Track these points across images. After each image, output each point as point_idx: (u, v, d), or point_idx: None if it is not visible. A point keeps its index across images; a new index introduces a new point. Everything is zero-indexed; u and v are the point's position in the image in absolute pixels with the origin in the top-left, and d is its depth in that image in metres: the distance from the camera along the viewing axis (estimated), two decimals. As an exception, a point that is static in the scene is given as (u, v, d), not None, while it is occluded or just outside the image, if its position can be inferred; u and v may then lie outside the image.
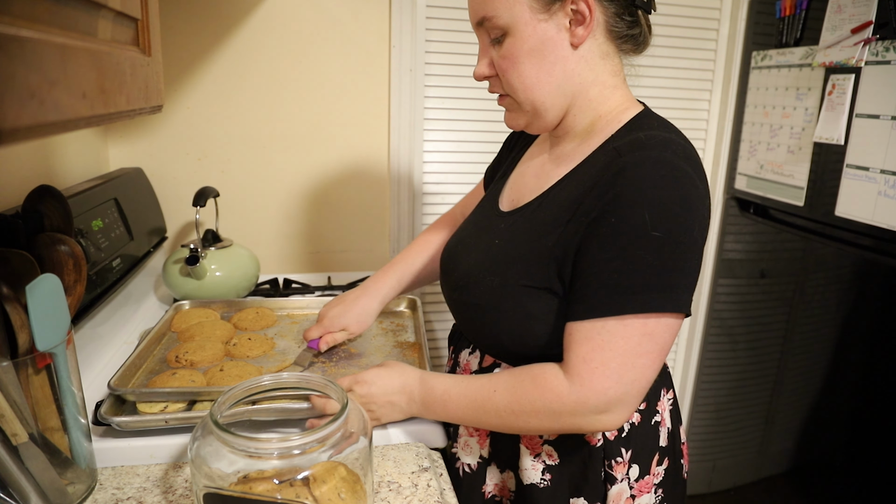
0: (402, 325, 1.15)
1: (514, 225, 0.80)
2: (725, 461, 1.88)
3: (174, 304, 1.17)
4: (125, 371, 0.88)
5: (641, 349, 0.66)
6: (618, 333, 0.65)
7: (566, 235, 0.71)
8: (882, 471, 1.35)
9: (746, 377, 1.80)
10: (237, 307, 1.19)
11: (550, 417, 0.70)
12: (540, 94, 0.75)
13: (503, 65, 0.75)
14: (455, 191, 1.70)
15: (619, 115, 0.76)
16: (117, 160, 1.48)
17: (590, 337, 0.67)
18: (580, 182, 0.73)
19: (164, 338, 1.06)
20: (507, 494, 0.85)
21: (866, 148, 1.34)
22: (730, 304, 1.86)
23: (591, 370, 0.66)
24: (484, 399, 0.74)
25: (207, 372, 0.92)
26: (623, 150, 0.69)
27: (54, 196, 0.77)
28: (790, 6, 1.56)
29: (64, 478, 0.69)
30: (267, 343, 1.03)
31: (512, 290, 0.75)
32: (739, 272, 1.82)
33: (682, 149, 0.69)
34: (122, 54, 0.56)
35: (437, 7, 1.57)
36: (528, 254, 0.75)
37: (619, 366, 0.66)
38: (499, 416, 0.73)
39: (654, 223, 0.64)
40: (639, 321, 0.65)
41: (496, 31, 0.74)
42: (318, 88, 1.54)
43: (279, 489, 0.60)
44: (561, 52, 0.73)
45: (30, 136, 0.37)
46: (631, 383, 0.67)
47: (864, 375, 1.41)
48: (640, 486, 0.78)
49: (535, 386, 0.70)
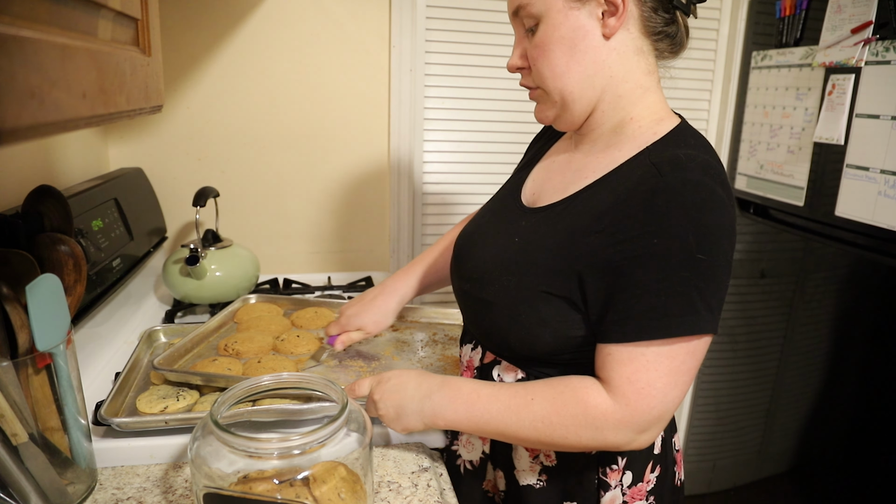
0: (453, 338, 1.13)
1: (537, 226, 0.77)
2: (725, 461, 1.88)
3: (241, 297, 1.22)
4: (174, 352, 0.94)
5: (684, 367, 0.66)
6: (664, 354, 0.66)
7: (593, 247, 0.69)
8: (882, 471, 1.35)
9: (746, 377, 1.80)
10: (300, 305, 1.22)
11: (591, 433, 0.68)
12: (569, 83, 0.73)
13: (534, 53, 0.74)
14: (455, 190, 1.70)
15: (654, 124, 0.75)
16: (117, 160, 1.48)
17: (634, 358, 0.66)
18: (612, 192, 0.71)
19: (224, 326, 1.11)
20: (498, 492, 0.85)
21: (866, 148, 1.34)
22: (730, 304, 1.86)
23: (636, 390, 0.66)
24: (519, 406, 0.71)
25: (248, 363, 0.95)
26: (663, 170, 0.67)
27: (54, 196, 0.77)
28: (790, 6, 1.56)
29: (64, 478, 0.69)
30: (314, 342, 1.05)
31: (528, 293, 0.73)
32: (739, 272, 1.82)
33: (718, 174, 0.68)
34: (122, 54, 0.56)
35: (437, 7, 1.57)
36: (550, 260, 0.73)
37: (665, 385, 0.66)
38: (533, 425, 0.70)
39: (699, 247, 0.64)
40: (683, 343, 0.66)
41: (530, 20, 0.74)
42: (318, 88, 1.54)
43: (279, 489, 0.60)
44: (592, 41, 0.72)
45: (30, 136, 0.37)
46: (673, 401, 0.67)
47: (863, 375, 1.41)
48: (632, 493, 0.77)
49: (578, 401, 0.68)
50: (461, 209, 1.72)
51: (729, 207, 0.67)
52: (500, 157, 1.70)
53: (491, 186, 1.71)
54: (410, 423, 0.77)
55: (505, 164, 1.71)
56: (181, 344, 0.96)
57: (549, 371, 0.76)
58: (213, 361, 0.94)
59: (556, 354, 0.73)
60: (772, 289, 1.71)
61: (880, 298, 1.37)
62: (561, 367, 0.75)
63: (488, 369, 0.82)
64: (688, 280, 0.64)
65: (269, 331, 1.07)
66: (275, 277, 1.51)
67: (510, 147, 1.69)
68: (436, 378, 0.78)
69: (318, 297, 1.35)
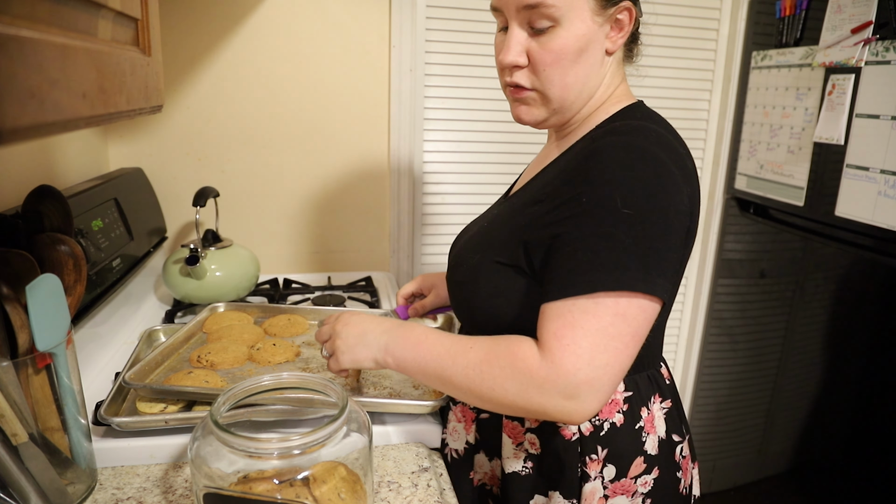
0: None
1: (501, 209, 0.84)
2: (725, 461, 1.88)
3: (209, 305, 1.17)
4: (145, 366, 0.90)
5: (614, 330, 0.63)
6: (589, 311, 0.64)
7: (536, 215, 0.73)
8: (882, 471, 1.35)
9: (746, 377, 1.80)
10: (271, 312, 1.18)
11: (517, 387, 0.66)
12: (572, 93, 0.76)
13: (546, 57, 0.73)
14: (455, 190, 1.70)
15: (609, 107, 0.79)
16: (117, 160, 1.48)
17: (561, 314, 0.65)
18: (557, 167, 0.77)
19: (193, 337, 1.07)
20: (497, 483, 0.85)
21: (866, 148, 1.34)
22: (730, 304, 1.86)
23: (562, 346, 0.64)
24: (457, 352, 0.71)
25: (225, 375, 0.92)
26: (597, 137, 0.72)
27: (54, 196, 0.77)
28: (790, 6, 1.56)
29: (64, 478, 0.69)
30: (291, 350, 1.01)
31: (486, 267, 0.77)
32: (739, 272, 1.83)
33: (658, 136, 0.70)
34: (122, 54, 0.56)
35: (437, 7, 1.57)
36: (503, 233, 0.77)
37: (591, 345, 0.63)
38: (465, 372, 0.69)
39: (624, 202, 0.64)
40: (610, 300, 0.63)
41: (544, 21, 0.72)
42: (318, 88, 1.54)
43: (279, 489, 0.60)
44: (598, 54, 0.75)
45: (30, 136, 0.37)
46: (603, 367, 0.63)
47: (863, 375, 1.41)
48: (614, 488, 0.77)
49: (510, 352, 0.67)
50: (461, 209, 1.72)
51: (668, 166, 0.67)
52: (500, 156, 1.70)
53: (491, 186, 1.71)
54: (362, 354, 0.77)
55: (505, 164, 1.71)
56: (151, 357, 0.92)
57: None
58: (189, 374, 0.89)
59: (518, 329, 0.72)
60: (772, 289, 1.71)
61: (880, 298, 1.37)
62: None
63: None
64: (613, 235, 0.64)
65: (242, 340, 1.02)
66: (275, 277, 1.51)
67: (510, 147, 1.69)
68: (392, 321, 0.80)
69: (290, 304, 1.34)
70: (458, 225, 1.71)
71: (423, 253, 1.73)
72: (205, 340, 1.06)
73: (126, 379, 0.85)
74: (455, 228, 1.72)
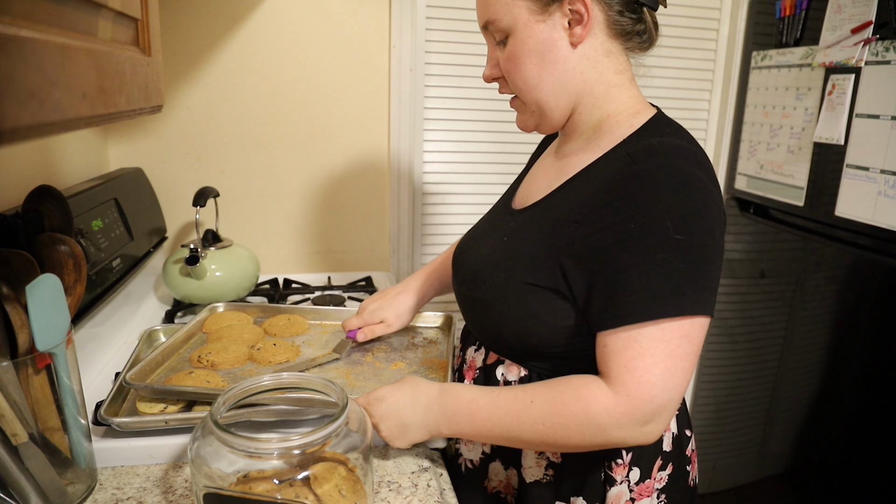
0: (433, 341, 1.11)
1: (523, 223, 0.81)
2: (725, 461, 1.88)
3: (209, 305, 1.17)
4: (145, 366, 0.89)
5: (681, 352, 0.65)
6: (656, 338, 0.65)
7: (574, 237, 0.71)
8: (882, 471, 1.35)
9: (746, 377, 1.80)
10: (271, 312, 1.18)
11: (594, 431, 0.67)
12: (542, 94, 0.77)
13: (507, 66, 0.77)
14: (455, 190, 1.70)
15: (630, 117, 0.77)
16: (117, 160, 1.48)
17: (628, 345, 0.66)
18: (590, 184, 0.73)
19: (193, 337, 1.06)
20: (511, 491, 0.85)
21: (866, 148, 1.34)
22: (730, 304, 1.86)
23: (635, 378, 0.65)
24: (520, 410, 0.70)
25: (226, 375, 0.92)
26: (637, 158, 0.69)
27: (54, 196, 0.77)
28: (790, 6, 1.56)
29: (64, 478, 0.69)
30: (291, 350, 1.01)
31: (516, 287, 0.75)
32: (739, 272, 1.82)
33: (695, 156, 0.69)
34: (122, 54, 0.56)
35: (437, 7, 1.57)
36: (534, 252, 0.75)
37: (664, 371, 0.65)
38: (534, 428, 0.69)
39: (675, 228, 0.64)
40: (675, 324, 0.65)
41: (500, 34, 0.77)
42: (318, 88, 1.54)
43: (279, 489, 0.60)
44: (561, 51, 0.74)
45: (30, 136, 0.37)
46: (674, 388, 0.66)
47: (863, 375, 1.41)
48: (640, 490, 0.77)
49: (578, 398, 0.68)
50: (461, 209, 1.72)
51: (709, 187, 0.68)
52: (500, 156, 1.70)
53: (491, 186, 1.71)
54: (415, 438, 0.78)
55: (505, 164, 1.71)
56: (151, 357, 0.92)
57: (544, 365, 0.77)
58: (190, 374, 0.89)
59: (550, 347, 0.74)
60: (772, 289, 1.71)
61: (880, 298, 1.37)
62: (556, 359, 0.76)
63: (491, 370, 0.83)
64: (667, 261, 0.64)
65: (242, 340, 1.02)
66: (275, 277, 1.51)
67: (510, 147, 1.69)
68: (431, 387, 0.78)
69: (290, 304, 1.34)
70: (458, 225, 1.72)
71: (423, 253, 1.73)
72: (205, 340, 1.06)
73: (127, 379, 0.84)
74: (455, 228, 1.73)
